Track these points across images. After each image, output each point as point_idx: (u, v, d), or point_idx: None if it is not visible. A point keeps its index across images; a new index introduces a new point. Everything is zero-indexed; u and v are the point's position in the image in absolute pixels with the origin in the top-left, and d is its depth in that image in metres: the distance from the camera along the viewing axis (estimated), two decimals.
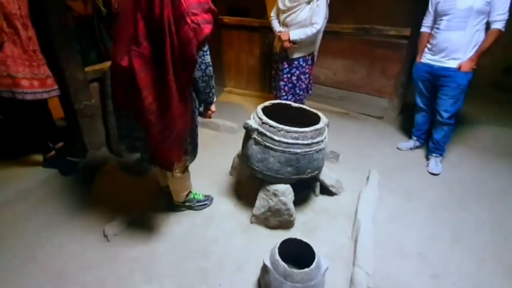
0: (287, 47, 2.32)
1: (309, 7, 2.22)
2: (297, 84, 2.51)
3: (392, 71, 2.82)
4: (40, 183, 1.99)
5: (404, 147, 2.57)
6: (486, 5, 1.87)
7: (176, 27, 1.08)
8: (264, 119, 1.57)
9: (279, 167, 1.56)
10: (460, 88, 2.07)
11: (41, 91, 1.72)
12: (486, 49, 1.95)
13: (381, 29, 2.73)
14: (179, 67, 1.15)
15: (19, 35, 1.60)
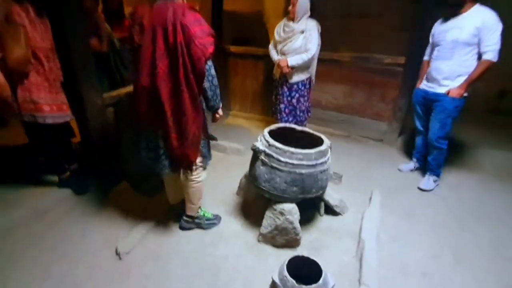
0: (286, 72, 2.58)
1: (302, 36, 2.50)
2: (297, 106, 2.74)
3: (390, 96, 2.98)
4: (54, 202, 2.07)
5: (405, 169, 2.66)
6: (473, 38, 1.98)
7: (187, 49, 1.36)
8: (271, 141, 1.68)
9: (286, 187, 1.65)
10: (446, 112, 2.18)
11: (58, 115, 1.87)
12: (475, 78, 2.04)
13: (377, 57, 2.93)
14: (190, 80, 1.41)
15: (42, 65, 1.77)
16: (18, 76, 1.71)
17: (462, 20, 2.02)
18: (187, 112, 1.46)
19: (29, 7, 1.70)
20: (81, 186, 2.19)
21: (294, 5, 2.44)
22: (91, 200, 2.14)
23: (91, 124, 2.19)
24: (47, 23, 1.81)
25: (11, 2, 1.60)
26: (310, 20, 2.51)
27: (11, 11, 1.60)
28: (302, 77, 2.64)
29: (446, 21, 2.14)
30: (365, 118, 3.22)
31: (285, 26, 2.57)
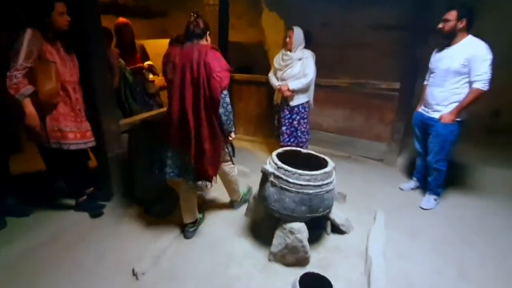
0: (288, 96, 2.79)
1: (300, 62, 2.77)
2: (298, 127, 2.93)
3: (388, 118, 3.15)
4: (71, 226, 2.15)
5: (406, 188, 2.77)
6: (463, 67, 2.09)
7: (207, 81, 1.66)
8: (279, 164, 1.80)
9: (294, 207, 1.75)
10: (441, 137, 2.29)
11: (81, 142, 2.02)
12: (465, 105, 2.14)
13: (373, 83, 3.14)
14: (208, 107, 1.71)
15: (69, 97, 1.94)
16: (48, 108, 1.87)
17: (454, 50, 2.17)
18: (204, 135, 1.75)
19: (60, 45, 1.89)
20: (97, 209, 2.28)
21: (290, 37, 2.75)
22: (106, 222, 2.22)
23: (108, 149, 2.33)
24: (75, 59, 2.00)
25: (44, 42, 1.79)
26: (306, 50, 2.80)
27: (43, 50, 1.78)
28: (301, 100, 2.85)
29: (441, 50, 2.29)
30: (365, 140, 3.37)
31: (284, 55, 2.84)
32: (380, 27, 3.48)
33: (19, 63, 1.71)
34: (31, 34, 1.74)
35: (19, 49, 1.71)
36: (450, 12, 2.12)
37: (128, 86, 2.96)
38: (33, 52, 1.74)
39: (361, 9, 3.51)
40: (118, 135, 2.41)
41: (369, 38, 3.51)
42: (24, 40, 1.71)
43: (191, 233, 2.07)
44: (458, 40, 2.16)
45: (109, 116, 2.28)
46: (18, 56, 1.70)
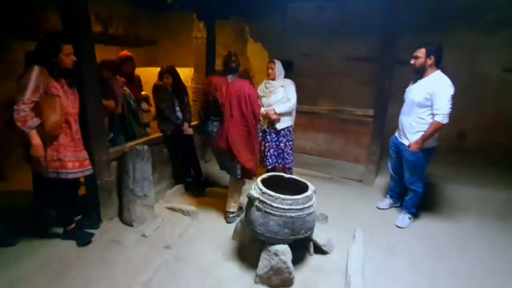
0: (275, 119, 2.99)
1: (282, 89, 3.03)
2: (285, 149, 3.12)
3: (364, 142, 3.40)
4: (59, 254, 2.15)
5: (382, 206, 2.97)
6: (425, 101, 2.30)
7: (251, 106, 2.41)
8: (263, 189, 1.94)
9: (278, 229, 1.87)
10: (409, 162, 2.51)
11: (79, 171, 2.09)
12: (427, 136, 2.34)
13: (350, 110, 3.40)
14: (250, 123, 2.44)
15: (71, 128, 2.05)
16: (50, 139, 1.96)
17: (421, 84, 2.38)
18: (242, 142, 2.46)
19: (63, 81, 2.02)
20: (85, 238, 2.30)
21: (272, 69, 3.03)
22: (94, 250, 2.23)
23: (97, 177, 2.40)
24: (76, 92, 2.13)
25: (50, 78, 1.92)
26: (286, 79, 3.08)
27: (49, 85, 1.90)
28: (287, 123, 3.08)
29: (414, 82, 2.50)
30: (345, 162, 3.58)
31: (267, 83, 3.09)
32: (355, 58, 3.82)
33: (26, 97, 1.80)
34: (39, 71, 1.85)
35: (26, 84, 1.81)
36: (419, 50, 2.36)
37: (132, 112, 3.11)
38: (40, 87, 1.85)
39: (338, 42, 3.85)
40: (108, 163, 2.49)
41: (346, 68, 3.83)
42: (31, 76, 1.82)
43: (231, 218, 2.67)
44: (428, 75, 2.37)
45: (100, 146, 2.37)
46: (26, 91, 1.80)
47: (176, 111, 3.15)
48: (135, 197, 2.50)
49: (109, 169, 2.53)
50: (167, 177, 3.34)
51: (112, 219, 2.59)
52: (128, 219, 2.55)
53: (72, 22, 2.12)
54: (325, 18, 3.86)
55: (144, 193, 2.56)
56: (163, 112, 3.07)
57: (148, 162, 2.62)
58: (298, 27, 3.97)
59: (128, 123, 3.05)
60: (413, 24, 3.25)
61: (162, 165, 3.23)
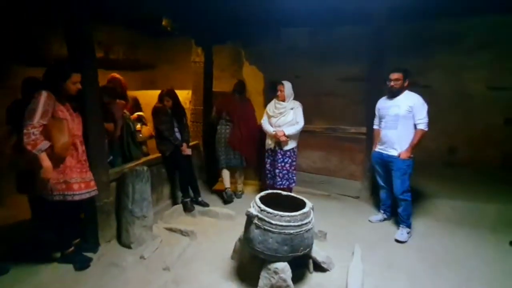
0: (284, 141, 3.11)
1: (292, 111, 3.15)
2: (290, 169, 3.23)
3: (358, 159, 3.48)
4: (55, 279, 2.12)
5: (374, 220, 3.04)
6: (408, 113, 2.64)
7: (252, 120, 3.57)
8: (262, 207, 1.97)
9: (277, 247, 1.89)
10: (401, 171, 2.70)
11: (85, 192, 2.13)
12: (415, 144, 2.65)
13: (344, 128, 3.52)
14: (253, 130, 3.59)
15: (77, 150, 2.10)
16: (56, 161, 2.00)
17: (399, 100, 2.71)
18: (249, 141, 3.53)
19: (68, 105, 2.10)
20: (83, 262, 2.26)
21: (282, 91, 3.16)
22: (92, 275, 2.19)
23: (97, 199, 2.41)
24: (79, 116, 2.20)
25: (57, 103, 1.99)
26: (296, 101, 3.22)
27: (56, 109, 1.98)
28: (293, 145, 3.20)
29: (387, 100, 2.83)
30: (341, 178, 3.64)
31: (277, 104, 3.23)
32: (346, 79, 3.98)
33: (35, 121, 1.87)
34: (47, 95, 1.93)
35: (35, 109, 1.88)
36: (397, 74, 2.69)
37: (130, 134, 3.19)
38: (48, 111, 1.93)
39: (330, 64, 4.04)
40: (107, 184, 2.51)
41: (338, 88, 3.98)
42: (40, 101, 1.90)
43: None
44: (402, 93, 2.72)
45: (101, 167, 2.41)
46: (35, 115, 1.87)
47: (175, 132, 3.22)
48: (134, 218, 2.51)
49: (108, 191, 2.55)
50: (165, 198, 3.35)
51: (110, 241, 2.57)
52: (126, 241, 2.53)
53: (77, 50, 2.24)
54: (317, 41, 4.07)
55: (143, 213, 2.57)
56: (162, 133, 3.15)
57: (148, 182, 2.65)
58: (291, 50, 4.17)
59: (126, 145, 3.11)
60: (399, 47, 3.45)
61: (160, 185, 3.25)
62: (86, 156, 2.20)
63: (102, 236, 2.52)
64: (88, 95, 2.30)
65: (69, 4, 2.17)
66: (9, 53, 3.29)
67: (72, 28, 2.22)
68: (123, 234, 2.56)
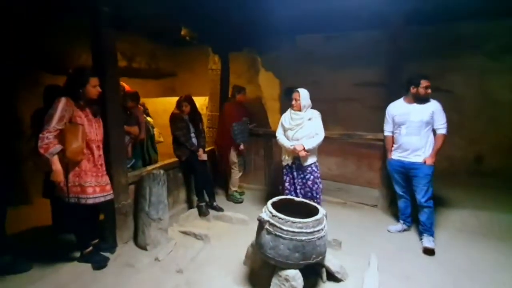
0: (303, 156, 2.69)
1: (310, 122, 2.76)
2: (313, 187, 2.78)
3: (376, 166, 3.38)
4: (74, 278, 2.21)
5: (393, 230, 2.91)
6: (431, 118, 2.60)
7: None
8: (274, 212, 1.96)
9: (289, 253, 1.86)
10: (427, 177, 2.62)
11: (100, 195, 2.21)
12: (438, 149, 2.60)
13: (360, 134, 3.43)
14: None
15: (93, 154, 2.19)
16: (72, 165, 2.11)
17: (421, 106, 2.64)
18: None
19: (88, 110, 2.21)
20: (101, 262, 2.35)
21: (297, 100, 2.76)
22: (109, 274, 2.27)
23: (115, 200, 2.50)
24: (100, 121, 2.31)
25: (75, 108, 2.11)
26: (314, 110, 2.83)
27: (74, 115, 2.09)
28: (313, 159, 2.78)
29: (405, 105, 2.72)
30: (358, 186, 3.54)
31: (293, 114, 2.80)
32: (363, 84, 3.93)
33: (52, 126, 1.98)
34: (65, 102, 2.05)
35: (53, 114, 2.00)
36: (427, 80, 2.62)
37: (150, 138, 3.34)
38: (65, 117, 2.04)
39: (346, 69, 4.00)
40: (126, 187, 2.61)
41: (355, 93, 3.94)
42: (58, 107, 2.02)
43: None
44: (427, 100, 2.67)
45: (120, 170, 2.51)
46: (52, 120, 1.99)
47: (191, 137, 3.30)
48: (150, 220, 2.58)
49: (127, 193, 2.64)
50: (181, 201, 3.42)
51: (127, 242, 2.66)
52: (142, 243, 2.60)
53: (101, 60, 2.39)
54: (333, 47, 4.06)
55: (159, 216, 2.63)
56: (178, 139, 3.23)
57: (164, 186, 2.72)
58: (307, 56, 4.18)
59: (146, 148, 3.26)
60: (417, 51, 3.36)
61: (176, 189, 3.33)
62: (102, 161, 2.28)
63: (120, 237, 2.61)
64: (109, 102, 2.43)
65: (94, 19, 2.34)
66: (39, 63, 3.54)
67: (97, 41, 2.38)
68: (140, 235, 2.63)
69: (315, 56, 4.15)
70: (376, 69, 3.65)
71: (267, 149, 4.02)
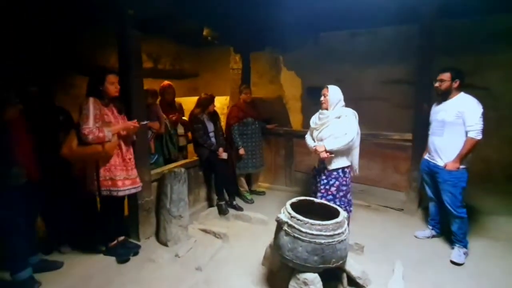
0: (324, 158, 2.42)
1: (338, 121, 2.44)
2: (337, 195, 2.45)
3: (403, 168, 3.20)
4: (100, 270, 2.32)
5: (421, 236, 2.74)
6: (457, 118, 2.33)
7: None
8: (292, 213, 1.92)
9: (307, 256, 1.81)
10: (449, 183, 2.40)
11: (131, 187, 2.31)
12: (464, 153, 2.33)
13: (386, 134, 3.28)
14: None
15: (121, 149, 2.29)
16: (103, 161, 2.21)
17: (448, 104, 2.43)
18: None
19: (113, 108, 2.31)
20: (124, 256, 2.44)
21: (325, 96, 2.51)
22: (131, 268, 2.35)
23: (139, 197, 2.59)
24: (125, 118, 2.40)
25: (102, 106, 2.21)
26: (347, 108, 2.52)
27: (102, 113, 2.19)
28: (342, 163, 2.44)
29: (439, 104, 2.55)
30: (383, 188, 3.38)
31: (320, 114, 2.56)
32: (390, 82, 3.74)
33: (91, 124, 2.10)
34: (93, 101, 2.16)
35: (87, 114, 2.11)
36: (444, 74, 2.41)
37: (168, 133, 3.42)
38: (97, 115, 2.16)
39: (372, 66, 3.84)
40: (149, 184, 2.69)
41: (381, 92, 3.76)
42: (89, 106, 2.13)
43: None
44: (453, 97, 2.43)
45: (143, 168, 2.59)
46: (89, 119, 2.10)
47: (210, 137, 3.33)
48: (171, 217, 2.64)
49: (150, 190, 2.72)
50: (201, 200, 3.47)
51: (149, 238, 2.74)
52: (163, 239, 2.67)
53: (125, 60, 2.49)
54: (358, 43, 3.91)
55: (180, 213, 2.68)
56: (196, 140, 3.30)
57: (185, 184, 2.77)
58: (330, 54, 4.06)
59: (165, 143, 3.35)
60: (450, 45, 3.13)
61: (197, 187, 3.38)
62: (131, 155, 2.38)
63: (143, 232, 2.69)
64: (134, 101, 2.52)
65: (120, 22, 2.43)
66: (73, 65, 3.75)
67: (122, 43, 2.48)
68: (161, 231, 2.70)
69: (339, 53, 4.02)
70: (404, 66, 3.46)
71: (288, 149, 3.97)
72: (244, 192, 3.83)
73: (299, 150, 3.87)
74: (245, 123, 3.64)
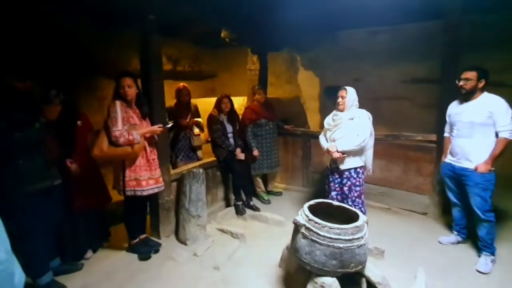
0: (337, 158, 2.50)
1: (352, 122, 2.50)
2: (349, 194, 2.54)
3: (426, 170, 3.08)
4: (122, 266, 2.41)
5: (445, 241, 2.63)
6: (488, 119, 2.24)
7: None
8: (310, 216, 1.91)
9: (325, 260, 1.79)
10: (479, 186, 2.29)
11: (154, 187, 2.38)
12: (497, 154, 2.25)
13: (408, 135, 3.16)
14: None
15: (146, 150, 2.36)
16: (129, 161, 2.29)
17: (475, 104, 2.33)
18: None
19: (137, 111, 2.37)
20: (146, 253, 2.52)
21: (343, 97, 2.53)
22: (152, 265, 2.43)
23: (159, 196, 2.66)
24: (148, 121, 2.46)
25: (127, 109, 2.28)
26: (360, 110, 2.56)
27: (127, 116, 2.25)
28: (354, 164, 2.52)
29: (460, 104, 2.45)
30: (404, 191, 3.27)
31: (334, 115, 2.62)
32: (413, 80, 3.61)
33: (120, 126, 2.18)
34: (119, 104, 2.23)
35: (116, 116, 2.18)
36: (470, 72, 2.31)
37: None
38: (125, 117, 2.23)
39: (392, 65, 3.72)
40: (169, 184, 2.76)
41: (402, 91, 3.65)
42: (117, 109, 2.20)
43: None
44: (477, 97, 2.34)
45: (164, 168, 2.66)
46: (118, 122, 2.18)
47: (229, 138, 3.36)
48: (190, 216, 2.70)
49: (170, 189, 2.80)
50: (219, 200, 3.52)
51: (169, 237, 2.82)
52: (182, 238, 2.74)
53: (146, 63, 2.56)
54: (378, 42, 3.81)
55: (198, 213, 2.74)
56: (214, 141, 3.33)
57: (203, 184, 2.82)
58: (349, 53, 3.99)
59: None
60: (477, 42, 2.98)
61: (215, 187, 3.43)
62: (155, 155, 2.45)
63: (163, 231, 2.77)
64: (154, 102, 2.59)
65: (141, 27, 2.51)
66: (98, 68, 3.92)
67: (143, 46, 2.56)
68: (180, 230, 2.77)
69: (358, 52, 3.94)
70: (428, 64, 3.33)
71: (305, 149, 3.93)
72: (261, 193, 3.83)
73: (316, 151, 3.82)
74: (259, 124, 3.62)
